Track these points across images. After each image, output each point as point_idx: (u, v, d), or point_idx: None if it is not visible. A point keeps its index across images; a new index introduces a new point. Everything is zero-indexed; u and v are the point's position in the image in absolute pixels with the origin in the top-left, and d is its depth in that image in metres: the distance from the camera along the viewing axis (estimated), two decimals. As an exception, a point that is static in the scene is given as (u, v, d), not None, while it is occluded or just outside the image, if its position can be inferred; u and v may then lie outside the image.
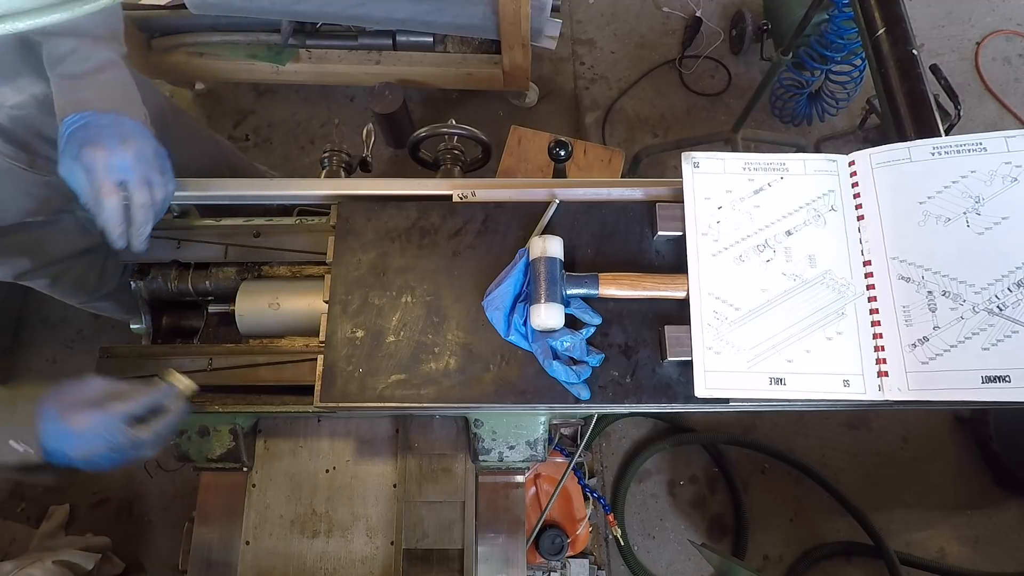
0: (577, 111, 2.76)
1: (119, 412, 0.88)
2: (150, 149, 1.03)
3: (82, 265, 1.39)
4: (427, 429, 1.25)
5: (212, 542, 1.21)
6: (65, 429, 0.86)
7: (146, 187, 1.01)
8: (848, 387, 0.95)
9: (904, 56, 1.14)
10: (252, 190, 1.20)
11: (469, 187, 1.14)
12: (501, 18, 2.18)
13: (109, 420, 0.88)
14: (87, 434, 0.87)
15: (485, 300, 1.02)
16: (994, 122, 2.73)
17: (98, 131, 0.99)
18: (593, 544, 1.62)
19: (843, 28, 2.03)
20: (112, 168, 0.98)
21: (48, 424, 0.86)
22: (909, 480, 2.25)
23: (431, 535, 1.21)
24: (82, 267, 1.39)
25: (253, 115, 2.75)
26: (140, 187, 1.00)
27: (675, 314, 1.02)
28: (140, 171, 1.01)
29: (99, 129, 1.00)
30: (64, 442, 0.86)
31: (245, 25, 2.47)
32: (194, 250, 1.21)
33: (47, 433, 0.86)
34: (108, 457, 0.89)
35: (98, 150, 0.97)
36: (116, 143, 0.99)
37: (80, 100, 1.02)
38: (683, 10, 2.90)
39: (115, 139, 0.99)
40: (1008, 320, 0.89)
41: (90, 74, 1.04)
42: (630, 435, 2.32)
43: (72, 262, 1.37)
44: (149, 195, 1.02)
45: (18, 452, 0.85)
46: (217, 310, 1.24)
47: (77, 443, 0.87)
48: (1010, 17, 2.88)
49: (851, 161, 1.05)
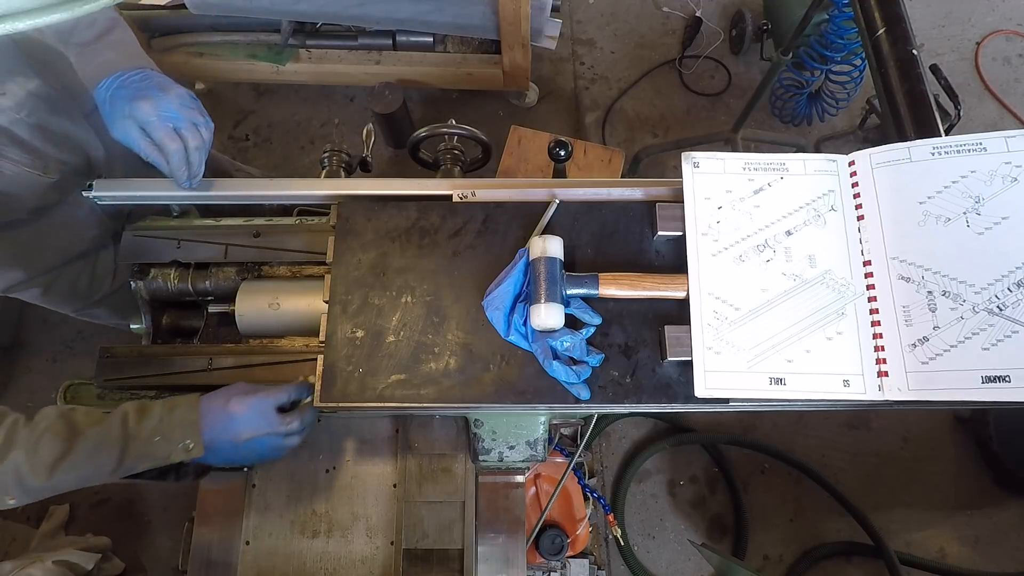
0: (577, 111, 2.76)
1: (269, 399, 1.00)
2: (185, 94, 1.09)
3: (73, 271, 1.39)
4: (427, 429, 1.25)
5: (212, 542, 1.21)
6: (228, 415, 0.97)
7: (196, 129, 1.08)
8: (848, 387, 0.95)
9: (904, 56, 1.14)
10: (252, 190, 1.20)
11: (469, 187, 1.14)
12: (501, 18, 2.18)
13: (262, 403, 0.99)
14: (246, 417, 0.97)
15: (485, 300, 1.02)
16: (994, 122, 2.73)
17: (138, 87, 1.06)
18: (593, 544, 1.62)
19: (843, 28, 2.03)
20: (164, 117, 1.04)
21: (212, 416, 0.97)
22: (909, 480, 2.25)
23: (431, 535, 1.21)
24: (73, 273, 1.39)
25: (253, 115, 2.75)
26: (191, 130, 1.07)
27: (675, 314, 1.02)
28: (187, 115, 1.07)
29: (138, 85, 1.06)
30: (227, 429, 0.97)
31: (245, 25, 2.47)
32: (194, 250, 1.21)
33: (212, 425, 0.97)
34: (264, 442, 0.99)
35: (147, 103, 1.03)
36: (159, 93, 1.05)
37: (105, 63, 1.07)
38: (683, 10, 2.91)
39: (156, 89, 1.06)
40: (1008, 320, 0.89)
41: (102, 37, 1.09)
42: (630, 435, 2.31)
43: (63, 268, 1.37)
44: (200, 136, 1.08)
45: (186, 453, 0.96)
46: (217, 310, 1.24)
47: (239, 427, 0.97)
48: (1010, 17, 2.88)
49: (851, 161, 1.05)
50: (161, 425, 0.96)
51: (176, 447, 0.95)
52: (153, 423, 0.96)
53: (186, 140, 1.07)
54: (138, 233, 1.23)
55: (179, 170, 1.08)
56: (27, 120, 1.11)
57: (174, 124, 1.06)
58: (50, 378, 2.35)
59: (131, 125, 1.04)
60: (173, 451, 0.95)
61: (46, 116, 1.15)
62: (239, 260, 1.21)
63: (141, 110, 1.03)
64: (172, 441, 0.95)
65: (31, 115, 1.12)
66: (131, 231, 1.23)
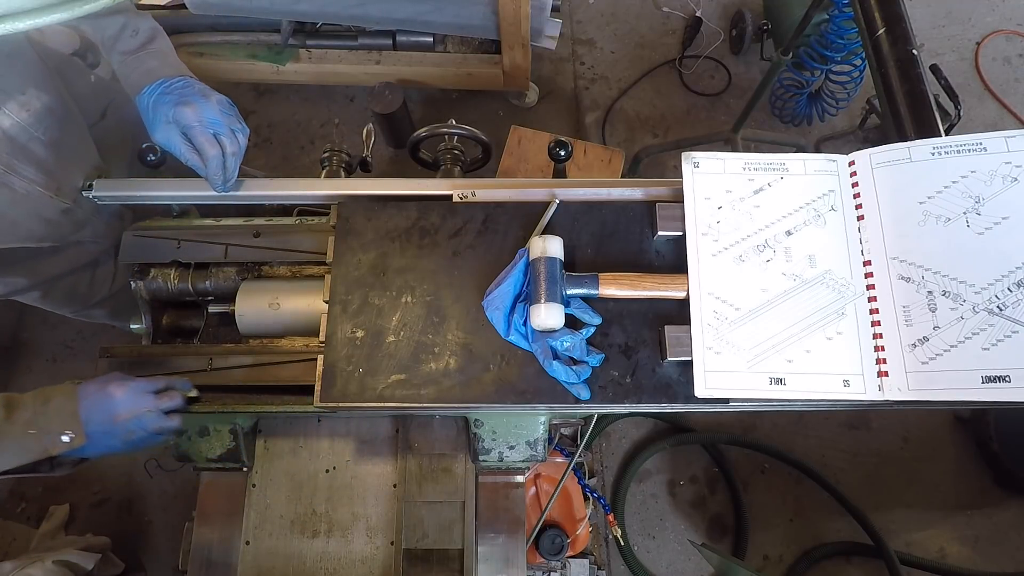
0: (577, 111, 2.75)
1: (146, 383, 1.03)
2: (225, 101, 1.13)
3: (72, 277, 1.39)
4: (427, 429, 1.25)
5: (212, 542, 1.21)
6: (107, 396, 0.99)
7: (234, 135, 1.11)
8: (848, 387, 0.95)
9: (904, 56, 1.14)
10: (252, 190, 1.20)
11: (469, 187, 1.14)
12: (501, 18, 2.18)
13: (140, 385, 1.02)
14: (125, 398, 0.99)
15: (485, 300, 1.02)
16: (994, 122, 2.73)
17: (181, 93, 1.10)
18: (593, 544, 1.62)
19: (843, 28, 2.03)
20: (206, 124, 1.08)
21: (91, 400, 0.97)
22: (909, 480, 2.25)
23: (431, 535, 1.21)
24: (72, 279, 1.40)
25: (253, 115, 2.75)
26: (230, 136, 1.11)
27: (675, 314, 1.02)
28: (227, 122, 1.10)
29: (181, 91, 1.10)
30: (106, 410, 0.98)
31: (245, 25, 2.47)
32: (194, 250, 1.21)
33: (91, 410, 0.97)
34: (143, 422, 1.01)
35: (190, 108, 1.07)
36: (202, 99, 1.09)
37: (150, 71, 1.11)
38: (683, 10, 2.90)
39: (199, 96, 1.09)
40: (1008, 320, 0.89)
41: (145, 45, 1.13)
42: (630, 435, 2.31)
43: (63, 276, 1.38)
44: (237, 143, 1.12)
45: (66, 442, 0.95)
46: (217, 310, 1.24)
47: (118, 407, 0.99)
48: (1010, 17, 2.88)
49: (851, 161, 1.04)
50: (35, 418, 0.94)
51: (55, 439, 0.94)
52: (25, 416, 0.94)
53: (224, 146, 1.10)
54: (138, 233, 1.23)
55: (215, 175, 1.11)
56: (42, 138, 1.11)
57: (214, 130, 1.09)
58: (50, 378, 2.35)
59: (173, 130, 1.08)
60: (51, 444, 0.94)
61: (58, 133, 1.15)
62: (239, 260, 1.21)
63: (185, 115, 1.07)
64: (49, 433, 0.94)
65: (47, 132, 1.12)
66: (131, 231, 1.23)
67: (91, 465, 1.07)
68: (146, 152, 1.23)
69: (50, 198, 1.16)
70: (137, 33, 1.13)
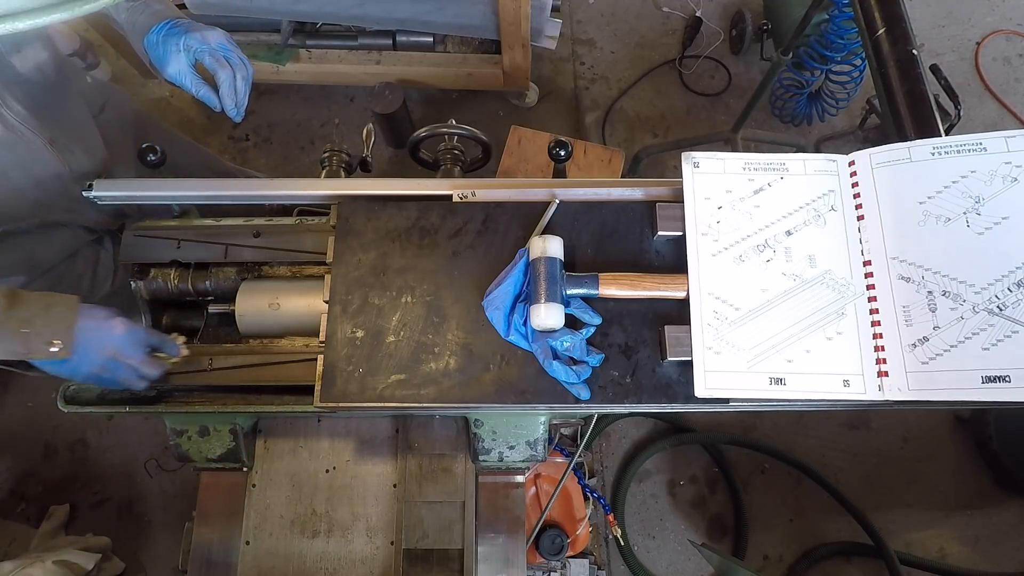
0: (577, 111, 2.76)
1: (145, 333, 1.06)
2: (227, 36, 1.20)
3: (74, 272, 1.39)
4: (427, 429, 1.25)
5: (212, 542, 1.21)
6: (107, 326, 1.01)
7: (242, 62, 1.19)
8: (848, 387, 0.95)
9: (904, 56, 1.14)
10: (252, 190, 1.20)
11: (469, 187, 1.14)
12: (501, 18, 2.18)
13: (139, 333, 1.04)
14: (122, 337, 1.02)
15: (485, 300, 1.02)
16: (994, 122, 2.73)
17: (188, 26, 1.17)
18: (593, 544, 1.62)
19: (843, 28, 2.03)
20: (215, 48, 1.16)
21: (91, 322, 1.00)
22: (909, 480, 2.25)
23: (431, 535, 1.21)
24: (74, 274, 1.40)
25: (253, 115, 2.75)
26: (239, 62, 1.19)
27: (675, 314, 1.02)
28: (235, 48, 1.19)
29: (188, 25, 1.18)
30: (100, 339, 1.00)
31: (245, 25, 2.47)
32: (194, 250, 1.21)
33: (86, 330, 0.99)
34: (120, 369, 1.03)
35: (199, 35, 1.15)
36: (207, 30, 1.17)
37: (156, 12, 1.18)
38: (683, 10, 2.91)
39: (205, 28, 1.18)
40: (1008, 320, 0.89)
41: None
42: (630, 435, 2.32)
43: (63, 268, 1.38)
44: (245, 68, 1.19)
45: (52, 351, 0.95)
46: (217, 310, 1.24)
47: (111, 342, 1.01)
48: (1010, 17, 2.88)
49: (851, 161, 1.04)
50: (33, 318, 0.94)
51: (43, 345, 0.94)
52: (24, 314, 0.93)
53: (235, 68, 1.17)
54: (138, 233, 1.22)
55: (228, 97, 1.17)
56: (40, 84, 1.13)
57: (224, 54, 1.17)
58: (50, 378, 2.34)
59: (183, 59, 1.15)
60: (37, 348, 0.94)
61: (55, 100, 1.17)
62: (239, 260, 1.21)
63: (195, 40, 1.14)
64: (40, 337, 0.94)
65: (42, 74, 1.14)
66: (131, 231, 1.23)
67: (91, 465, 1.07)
68: (146, 152, 1.23)
69: (43, 147, 1.14)
70: None
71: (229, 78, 1.16)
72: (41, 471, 2.29)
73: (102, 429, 2.32)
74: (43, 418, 2.31)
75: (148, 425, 2.30)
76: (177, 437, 1.20)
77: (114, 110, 1.44)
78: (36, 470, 2.29)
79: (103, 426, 2.32)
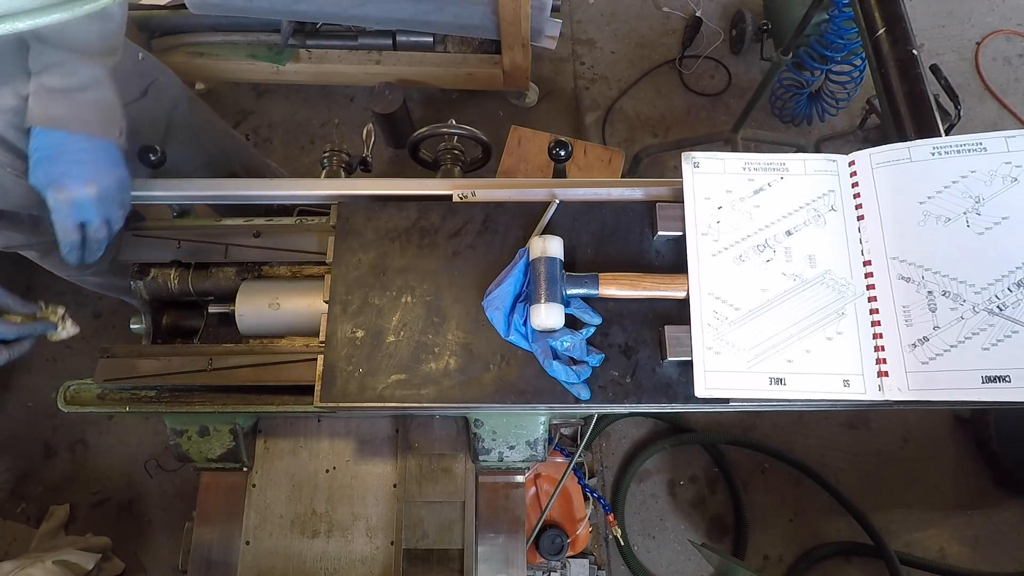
0: (577, 111, 2.76)
1: None
2: (114, 183, 1.05)
3: None
4: (427, 429, 1.25)
5: (212, 542, 1.21)
6: None
7: (105, 226, 1.06)
8: (848, 387, 0.95)
9: (904, 56, 1.14)
10: (252, 190, 1.20)
11: (469, 187, 1.14)
12: (501, 18, 2.18)
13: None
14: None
15: (485, 300, 1.02)
16: (994, 122, 2.73)
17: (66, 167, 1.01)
18: (593, 544, 1.62)
19: (843, 28, 2.03)
20: (76, 209, 1.02)
21: None
22: (909, 480, 2.25)
23: (431, 535, 1.21)
24: None
25: (253, 115, 2.75)
26: (99, 227, 1.06)
27: (675, 314, 1.02)
28: (101, 212, 1.05)
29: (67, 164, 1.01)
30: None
31: (245, 25, 2.47)
32: (194, 250, 1.21)
33: None
34: None
35: (62, 192, 1.01)
36: (81, 184, 1.01)
37: (54, 116, 1.01)
38: (683, 10, 2.91)
39: (80, 180, 1.01)
40: (1008, 320, 0.89)
41: (71, 91, 1.02)
42: (630, 435, 2.32)
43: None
44: (107, 232, 1.07)
45: None
46: (217, 310, 1.24)
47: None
48: (1010, 17, 2.88)
49: (851, 161, 1.04)
50: None
51: None
52: None
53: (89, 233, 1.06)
54: (138, 233, 1.22)
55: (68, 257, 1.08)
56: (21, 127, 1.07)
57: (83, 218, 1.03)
58: (50, 378, 2.35)
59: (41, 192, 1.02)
60: None
61: None
62: (239, 260, 1.21)
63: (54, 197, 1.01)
64: None
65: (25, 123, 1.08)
66: (131, 231, 1.23)
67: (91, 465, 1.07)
68: (146, 152, 1.23)
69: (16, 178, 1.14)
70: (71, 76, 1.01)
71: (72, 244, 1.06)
72: (41, 471, 2.29)
73: (102, 429, 2.32)
74: (43, 418, 2.31)
75: (148, 425, 2.30)
76: (177, 437, 1.20)
77: (157, 91, 1.38)
78: (36, 470, 2.29)
79: (103, 426, 2.32)
